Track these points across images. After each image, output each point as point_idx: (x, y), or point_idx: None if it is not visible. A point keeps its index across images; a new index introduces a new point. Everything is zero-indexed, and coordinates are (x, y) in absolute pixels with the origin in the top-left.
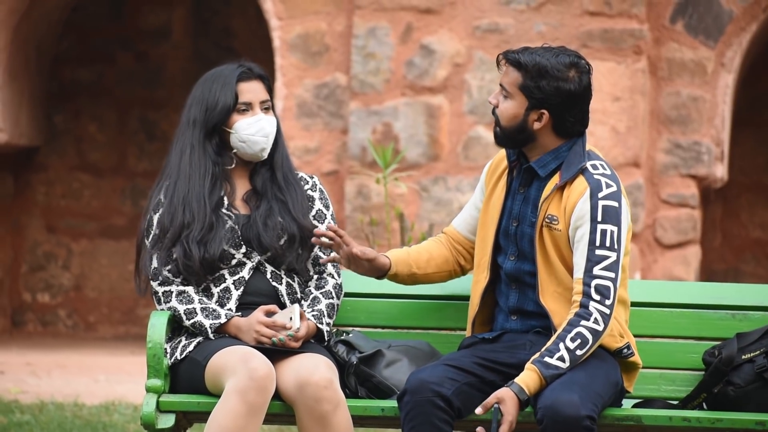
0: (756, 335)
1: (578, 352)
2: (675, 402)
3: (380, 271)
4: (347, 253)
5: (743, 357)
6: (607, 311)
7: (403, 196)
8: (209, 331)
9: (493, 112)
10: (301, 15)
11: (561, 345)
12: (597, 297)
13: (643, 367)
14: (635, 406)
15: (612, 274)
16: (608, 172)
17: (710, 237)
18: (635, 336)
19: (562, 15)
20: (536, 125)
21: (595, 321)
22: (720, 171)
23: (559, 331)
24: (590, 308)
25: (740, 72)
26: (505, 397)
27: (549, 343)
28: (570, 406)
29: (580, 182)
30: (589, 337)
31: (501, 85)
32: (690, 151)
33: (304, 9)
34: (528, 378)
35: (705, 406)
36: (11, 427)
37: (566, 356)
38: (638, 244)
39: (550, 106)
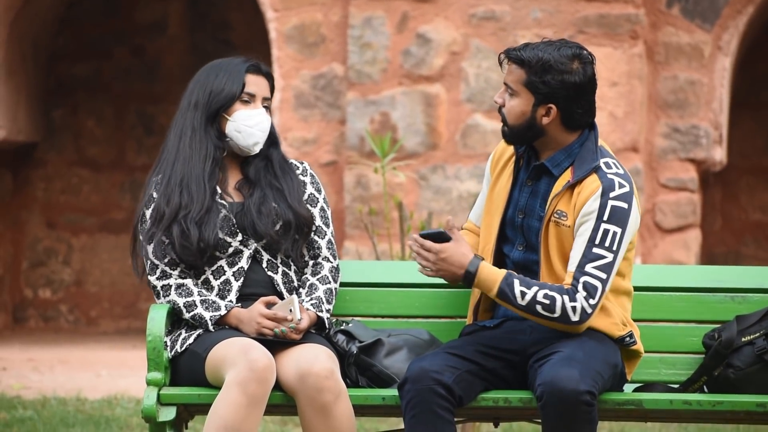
0: (755, 317)
1: (537, 308)
2: (675, 385)
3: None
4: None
5: (743, 339)
6: (589, 310)
7: (402, 185)
8: (209, 323)
9: (500, 111)
10: (297, 6)
11: (535, 289)
12: (584, 293)
13: (644, 351)
14: (636, 390)
15: (604, 275)
16: (621, 171)
17: (710, 220)
18: (635, 320)
19: (558, 1)
20: (545, 120)
21: (573, 309)
22: (719, 154)
23: (546, 283)
24: (577, 298)
25: (737, 55)
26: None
27: (532, 281)
28: (569, 380)
29: (593, 180)
30: (558, 312)
31: (505, 83)
32: (688, 135)
33: (299, 0)
34: (491, 272)
35: (706, 389)
36: (14, 423)
37: (528, 299)
38: (638, 229)
39: (558, 100)
